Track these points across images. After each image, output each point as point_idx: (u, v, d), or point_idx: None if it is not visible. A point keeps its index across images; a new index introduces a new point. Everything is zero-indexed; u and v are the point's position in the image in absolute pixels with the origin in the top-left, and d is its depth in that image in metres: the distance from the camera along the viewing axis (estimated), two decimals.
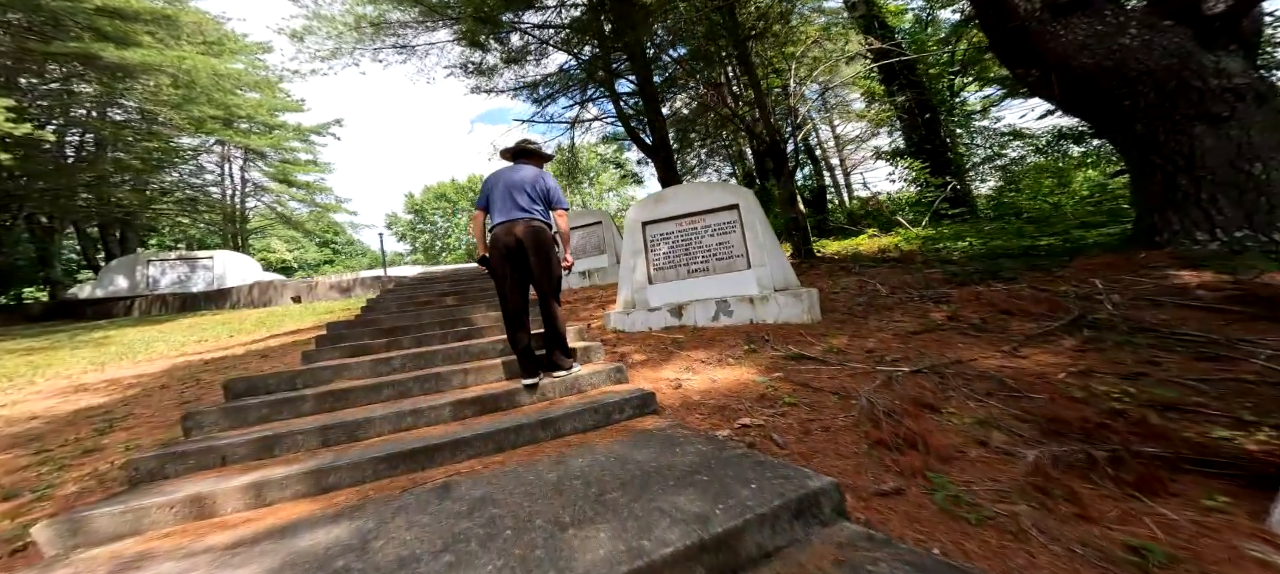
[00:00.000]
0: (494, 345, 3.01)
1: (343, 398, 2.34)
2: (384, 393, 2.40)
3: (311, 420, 2.13)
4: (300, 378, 2.62)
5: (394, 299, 5.98)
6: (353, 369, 2.71)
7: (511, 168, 2.62)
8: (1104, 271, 3.12)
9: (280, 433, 1.93)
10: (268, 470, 1.67)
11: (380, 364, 2.77)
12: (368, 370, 2.72)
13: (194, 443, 1.97)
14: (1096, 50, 3.01)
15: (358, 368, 2.72)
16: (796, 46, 7.59)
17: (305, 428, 1.96)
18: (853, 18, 8.80)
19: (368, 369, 2.72)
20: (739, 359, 2.94)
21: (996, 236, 5.69)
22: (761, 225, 4.06)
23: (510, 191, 2.48)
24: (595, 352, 2.91)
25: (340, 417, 2.13)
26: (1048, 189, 9.06)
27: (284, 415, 2.23)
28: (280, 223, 25.48)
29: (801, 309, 3.61)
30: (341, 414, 2.20)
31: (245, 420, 2.19)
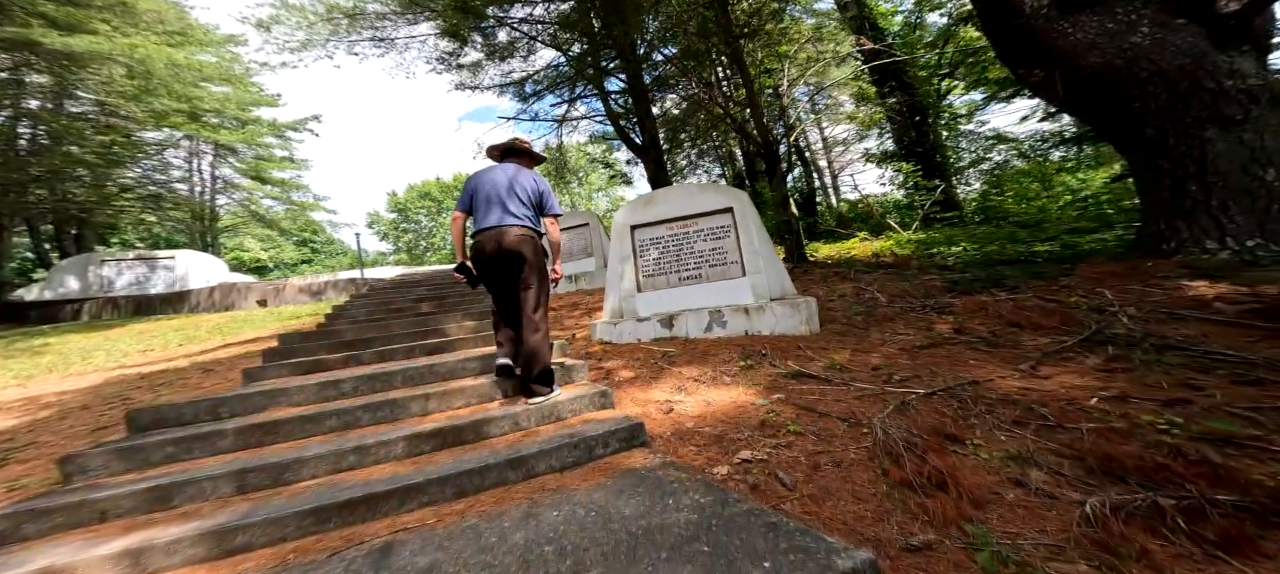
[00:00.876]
0: (465, 363, 2.71)
1: (273, 431, 2.02)
2: (326, 423, 2.08)
3: (228, 461, 1.81)
4: (226, 405, 2.27)
5: (364, 305, 5.60)
6: (294, 393, 2.38)
7: (500, 167, 2.40)
8: (1111, 281, 2.98)
9: (183, 478, 1.61)
10: (157, 530, 1.36)
11: (328, 387, 2.43)
12: (313, 394, 2.39)
13: (70, 493, 1.62)
14: (1107, 49, 2.88)
15: (301, 391, 2.39)
16: (789, 45, 7.44)
17: (218, 471, 1.65)
18: (844, 18, 8.72)
19: (313, 393, 2.39)
20: (735, 377, 2.71)
21: (990, 242, 5.61)
22: (757, 230, 3.85)
23: (499, 193, 2.27)
24: (578, 371, 2.64)
25: (265, 455, 1.82)
26: (1033, 193, 9.13)
27: (195, 454, 1.90)
28: (254, 221, 24.48)
29: (799, 320, 3.40)
30: (268, 452, 1.88)
31: (145, 461, 1.84)
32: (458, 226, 2.38)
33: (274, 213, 24.43)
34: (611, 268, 4.28)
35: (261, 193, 23.51)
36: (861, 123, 8.65)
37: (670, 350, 3.40)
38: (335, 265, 35.59)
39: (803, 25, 8.58)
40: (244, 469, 1.66)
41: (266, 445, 1.98)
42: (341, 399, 2.39)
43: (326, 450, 1.79)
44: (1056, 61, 3.23)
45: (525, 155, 2.56)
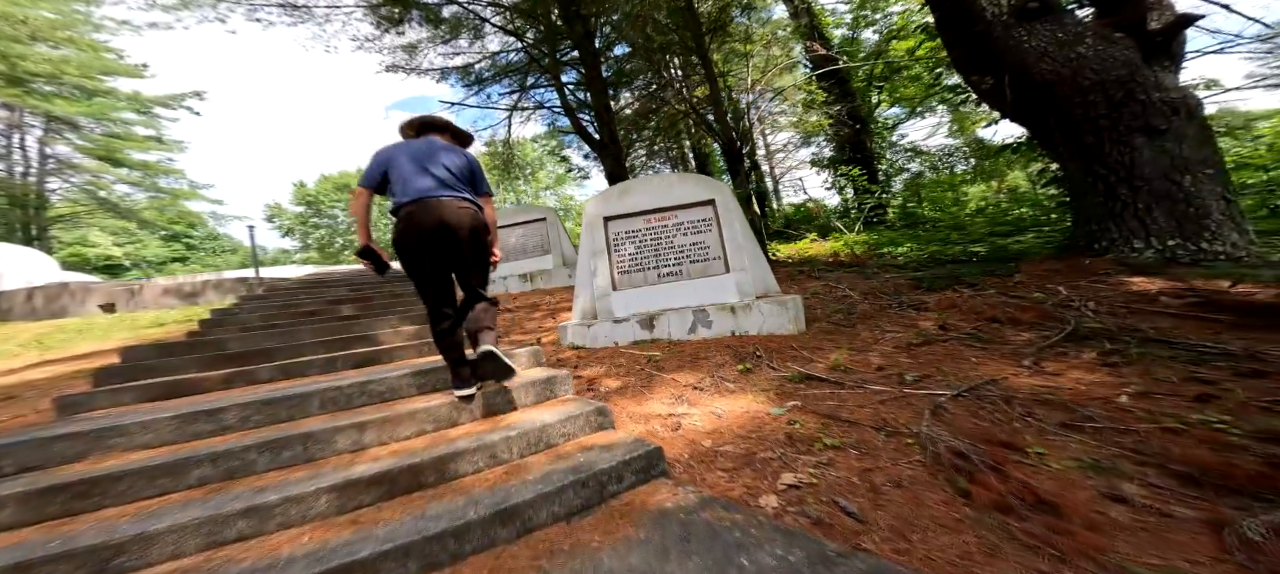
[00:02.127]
0: (409, 379, 2.12)
1: (92, 492, 1.33)
2: (193, 475, 1.44)
3: None
4: (13, 453, 1.50)
5: (258, 309, 4.49)
6: (137, 431, 1.65)
7: (422, 140, 2.06)
8: (1057, 278, 3.22)
9: None
10: None
11: (196, 420, 1.72)
12: (170, 431, 1.67)
13: None
14: (1056, 57, 3.10)
15: (149, 428, 1.66)
16: (752, 45, 7.52)
17: None
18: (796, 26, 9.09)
19: (170, 429, 1.67)
20: (737, 383, 2.46)
21: (930, 243, 6.06)
22: (740, 224, 3.67)
23: (426, 164, 1.94)
24: (561, 383, 2.20)
25: (72, 533, 1.17)
26: (948, 201, 10.29)
27: None
28: (102, 210, 19.85)
29: (787, 319, 3.26)
30: (80, 528, 1.22)
31: None
32: (362, 203, 1.96)
33: (132, 201, 19.99)
34: (582, 264, 3.85)
35: (113, 177, 19.11)
36: (808, 128, 9.08)
37: (654, 354, 3.07)
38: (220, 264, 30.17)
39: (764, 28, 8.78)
40: (22, 567, 1.00)
41: (80, 516, 1.29)
42: (221, 436, 1.70)
43: (193, 518, 1.19)
44: (1009, 69, 3.45)
45: (449, 132, 2.20)
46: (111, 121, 18.39)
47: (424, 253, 1.85)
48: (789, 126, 11.32)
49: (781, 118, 9.67)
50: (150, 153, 19.41)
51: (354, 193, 1.98)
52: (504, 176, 20.57)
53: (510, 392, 2.01)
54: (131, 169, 19.18)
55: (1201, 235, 2.88)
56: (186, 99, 19.13)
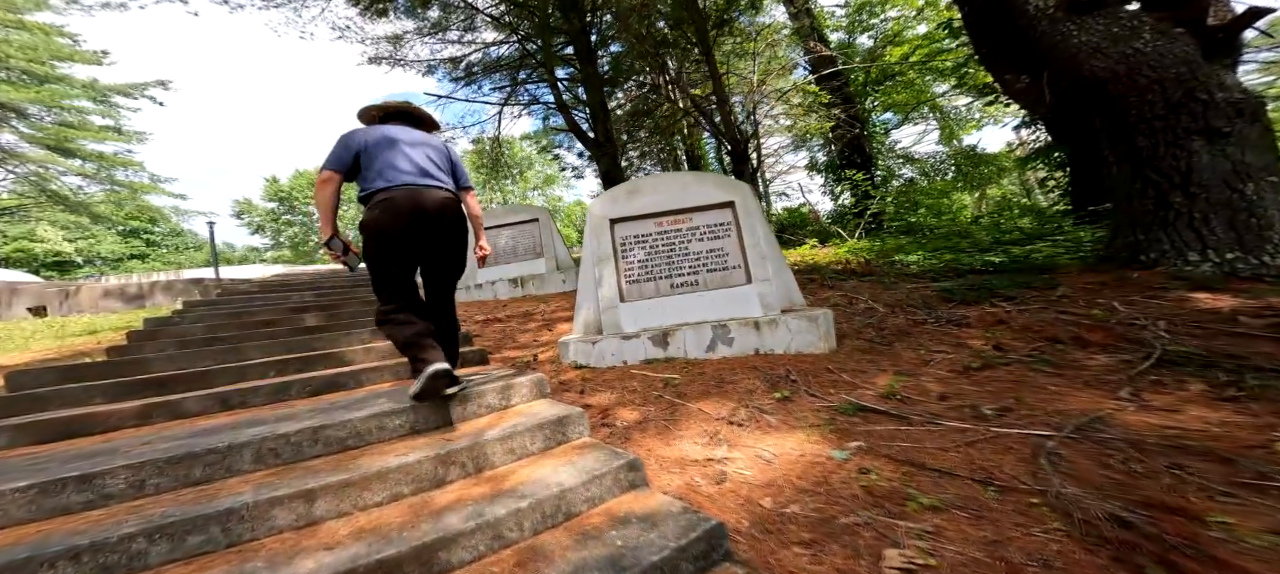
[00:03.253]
0: (383, 416, 1.67)
1: None
2: None
3: None
4: None
5: (204, 317, 3.91)
6: None
7: (399, 127, 1.91)
8: (1107, 292, 2.98)
9: None
10: None
11: (65, 486, 1.23)
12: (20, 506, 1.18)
13: None
14: (1110, 54, 2.87)
15: None
16: (755, 44, 7.26)
17: None
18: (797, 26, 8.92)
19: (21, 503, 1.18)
20: (777, 415, 2.09)
21: (942, 251, 5.85)
22: (763, 229, 3.32)
23: (406, 150, 1.81)
24: (575, 424, 1.78)
25: None
26: (945, 208, 10.25)
27: None
28: (50, 203, 18.42)
29: (817, 335, 2.92)
30: None
31: None
32: (331, 190, 1.77)
33: (84, 194, 18.61)
34: (584, 272, 3.44)
35: (62, 168, 17.75)
36: (809, 130, 8.90)
37: (672, 376, 2.69)
38: (181, 262, 28.53)
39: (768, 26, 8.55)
40: None
41: None
42: (99, 510, 1.22)
43: None
44: (1052, 66, 3.21)
45: (419, 121, 2.05)
46: (63, 110, 17.07)
47: (398, 244, 1.70)
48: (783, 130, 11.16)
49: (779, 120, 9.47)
50: (107, 143, 18.10)
51: (320, 178, 1.75)
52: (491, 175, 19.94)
53: (512, 436, 1.59)
54: (86, 160, 17.83)
55: (1264, 248, 2.66)
56: (149, 88, 17.92)
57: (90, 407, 1.94)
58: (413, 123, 2.01)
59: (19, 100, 15.60)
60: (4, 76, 14.98)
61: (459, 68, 9.68)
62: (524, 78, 9.91)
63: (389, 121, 1.96)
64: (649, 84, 11.92)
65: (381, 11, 8.24)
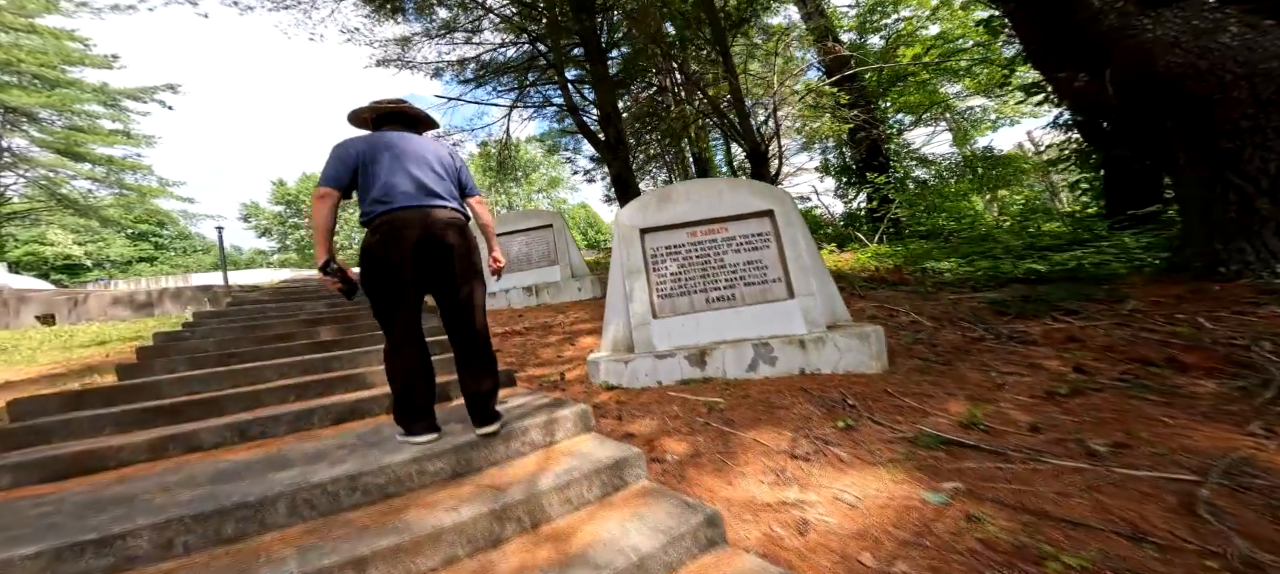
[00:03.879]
0: (426, 459, 1.49)
1: None
2: None
3: None
4: None
5: (215, 331, 3.76)
6: None
7: (398, 135, 1.73)
8: (1185, 306, 2.76)
9: None
10: None
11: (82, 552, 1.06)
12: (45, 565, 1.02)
13: None
14: (1190, 48, 2.66)
15: None
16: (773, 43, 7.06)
17: None
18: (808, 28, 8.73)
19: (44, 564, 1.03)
20: (846, 447, 1.90)
21: (977, 258, 5.63)
22: (805, 240, 3.13)
23: (409, 165, 1.65)
24: (632, 466, 1.60)
25: None
26: (964, 211, 9.99)
27: None
28: (60, 207, 18.51)
29: (868, 354, 2.72)
30: None
31: None
32: (328, 208, 1.60)
33: (94, 198, 18.68)
34: (613, 285, 3.26)
35: (72, 172, 17.82)
36: (826, 132, 8.70)
37: (715, 401, 2.50)
38: (189, 266, 28.67)
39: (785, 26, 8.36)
40: None
41: None
42: None
43: None
44: (1118, 62, 3.00)
45: (417, 122, 1.87)
46: (74, 114, 17.15)
47: (400, 272, 1.55)
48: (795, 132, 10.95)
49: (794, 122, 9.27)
50: (116, 147, 18.16)
51: (317, 195, 1.59)
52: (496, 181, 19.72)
53: (568, 484, 1.41)
54: (95, 164, 17.89)
55: None
56: (159, 92, 17.98)
57: (99, 438, 1.79)
58: (409, 125, 1.83)
59: (30, 105, 15.67)
60: (15, 81, 15.05)
61: (467, 70, 9.56)
62: (533, 80, 9.78)
63: (384, 125, 1.78)
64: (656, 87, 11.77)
65: (393, 11, 8.12)
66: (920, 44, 11.53)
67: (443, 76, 10.03)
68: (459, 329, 1.69)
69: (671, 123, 8.30)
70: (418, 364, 1.62)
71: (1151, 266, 3.73)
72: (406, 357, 1.59)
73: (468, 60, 9.50)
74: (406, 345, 1.60)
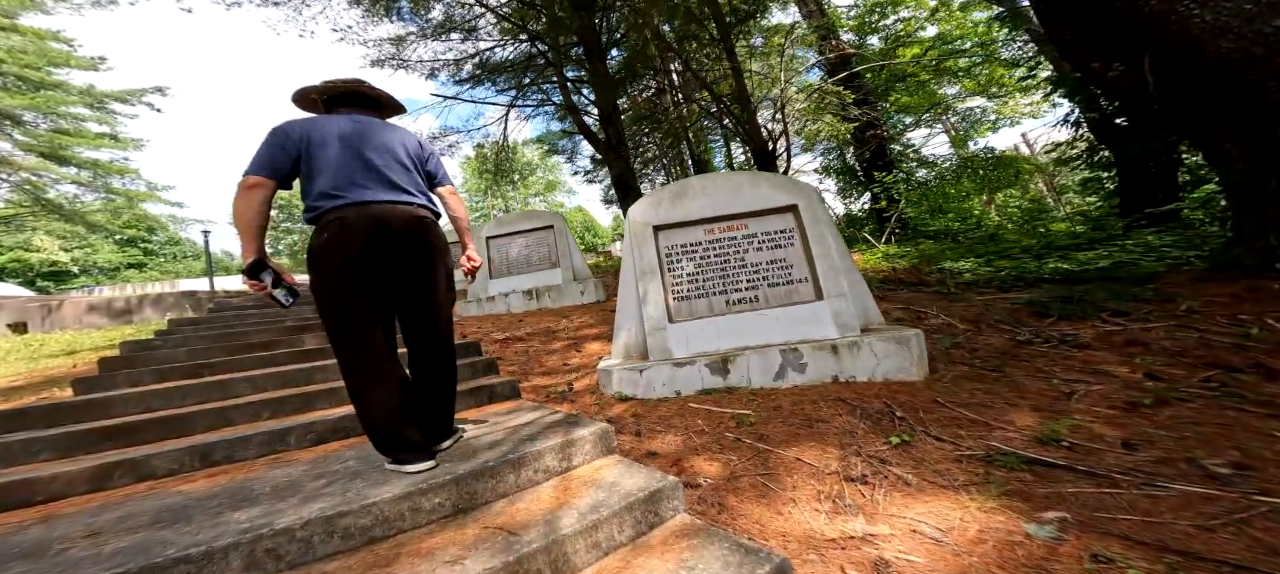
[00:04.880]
0: (421, 495, 1.23)
1: None
2: None
3: None
4: None
5: (190, 339, 3.45)
6: None
7: (352, 118, 1.46)
8: (1244, 306, 2.55)
9: None
10: None
11: None
12: None
13: None
14: (1244, 33, 2.48)
15: None
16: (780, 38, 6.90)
17: None
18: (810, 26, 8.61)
19: None
20: (902, 465, 1.66)
21: (995, 258, 5.43)
22: (833, 237, 2.90)
23: (366, 152, 1.39)
24: (668, 497, 1.34)
25: None
26: (970, 211, 9.86)
27: None
28: (46, 212, 18.01)
29: (909, 360, 2.48)
30: None
31: None
32: (257, 199, 1.31)
33: (81, 203, 18.22)
34: (625, 286, 3.02)
35: (56, 176, 17.35)
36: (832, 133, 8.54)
37: (743, 413, 2.25)
38: (179, 272, 28.10)
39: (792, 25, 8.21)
40: None
41: None
42: None
43: None
44: (1161, 50, 2.81)
45: (378, 106, 1.59)
46: (60, 117, 16.73)
47: (354, 277, 1.30)
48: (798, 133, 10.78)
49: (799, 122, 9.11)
50: (102, 151, 17.72)
51: (244, 184, 1.30)
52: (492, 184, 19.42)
53: (596, 525, 1.15)
54: (81, 168, 17.44)
55: None
56: (147, 94, 17.60)
57: (31, 466, 1.51)
58: (369, 108, 1.56)
59: (14, 107, 15.25)
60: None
61: (464, 70, 9.36)
62: (531, 80, 9.58)
63: (337, 107, 1.51)
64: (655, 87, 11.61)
65: (387, 11, 7.90)
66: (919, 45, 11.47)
67: (438, 77, 9.82)
68: (420, 337, 1.47)
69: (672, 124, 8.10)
70: (392, 389, 1.34)
71: (1190, 265, 3.54)
72: (375, 384, 1.31)
73: (464, 59, 9.30)
74: (372, 369, 1.32)
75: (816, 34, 8.80)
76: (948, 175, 13.57)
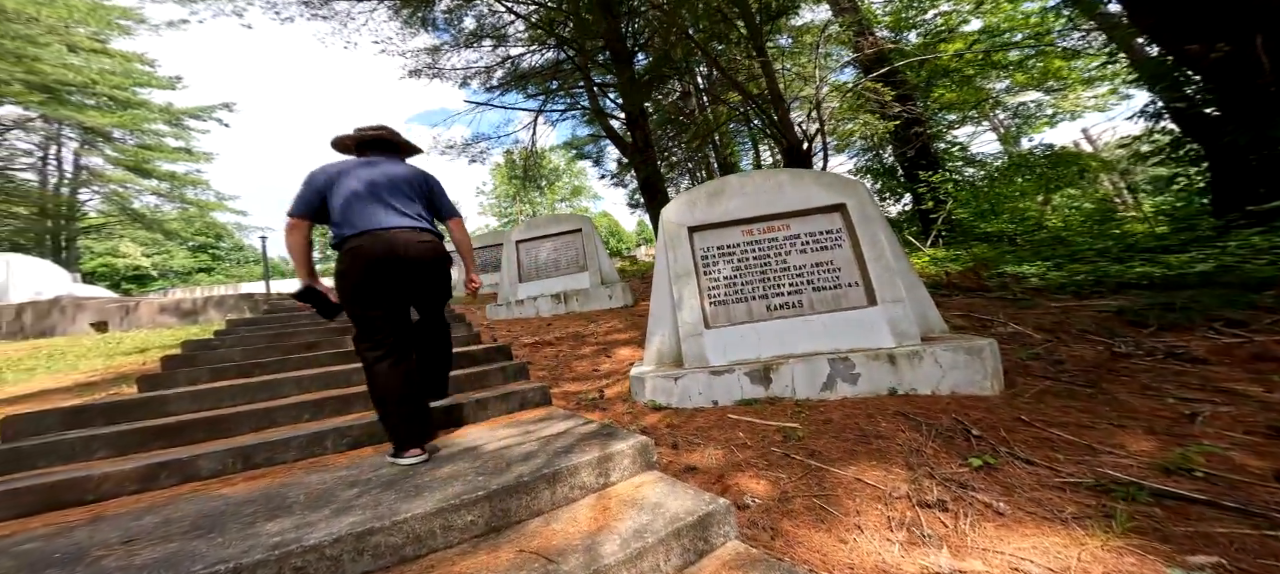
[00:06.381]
0: (453, 511, 1.15)
1: None
2: None
3: None
4: None
5: (244, 339, 3.62)
6: None
7: (367, 161, 1.80)
8: None
9: None
10: None
11: None
12: None
13: None
14: None
15: None
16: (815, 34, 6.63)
17: None
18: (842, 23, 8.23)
19: None
20: (988, 491, 1.44)
21: (1067, 262, 4.92)
22: (887, 237, 2.67)
23: (376, 190, 1.70)
24: (718, 523, 1.19)
25: None
26: (1027, 211, 9.09)
27: None
28: (130, 221, 19.97)
29: (982, 372, 2.22)
30: None
31: None
32: (301, 237, 1.71)
33: (160, 212, 20.07)
34: (658, 290, 2.89)
35: (139, 188, 19.19)
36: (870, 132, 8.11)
37: (791, 427, 2.07)
38: (241, 275, 30.39)
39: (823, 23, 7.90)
40: None
41: None
42: None
43: None
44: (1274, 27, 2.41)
45: (398, 148, 1.95)
46: (144, 133, 18.55)
47: (370, 292, 1.63)
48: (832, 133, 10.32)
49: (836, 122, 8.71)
50: (178, 164, 19.50)
51: (286, 226, 1.69)
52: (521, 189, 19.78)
53: (641, 553, 1.03)
54: (160, 180, 19.26)
55: None
56: (216, 110, 19.26)
57: (87, 464, 1.56)
58: (390, 150, 1.91)
59: (106, 125, 17.02)
60: (93, 103, 16.39)
61: (494, 76, 9.64)
62: (558, 86, 9.72)
63: (366, 150, 1.87)
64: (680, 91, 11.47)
65: (423, 23, 8.24)
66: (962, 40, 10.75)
67: (469, 85, 10.17)
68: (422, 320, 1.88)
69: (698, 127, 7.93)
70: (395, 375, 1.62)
71: None
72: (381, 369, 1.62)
73: (495, 66, 9.57)
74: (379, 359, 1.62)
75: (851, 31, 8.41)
76: (998, 175, 12.64)
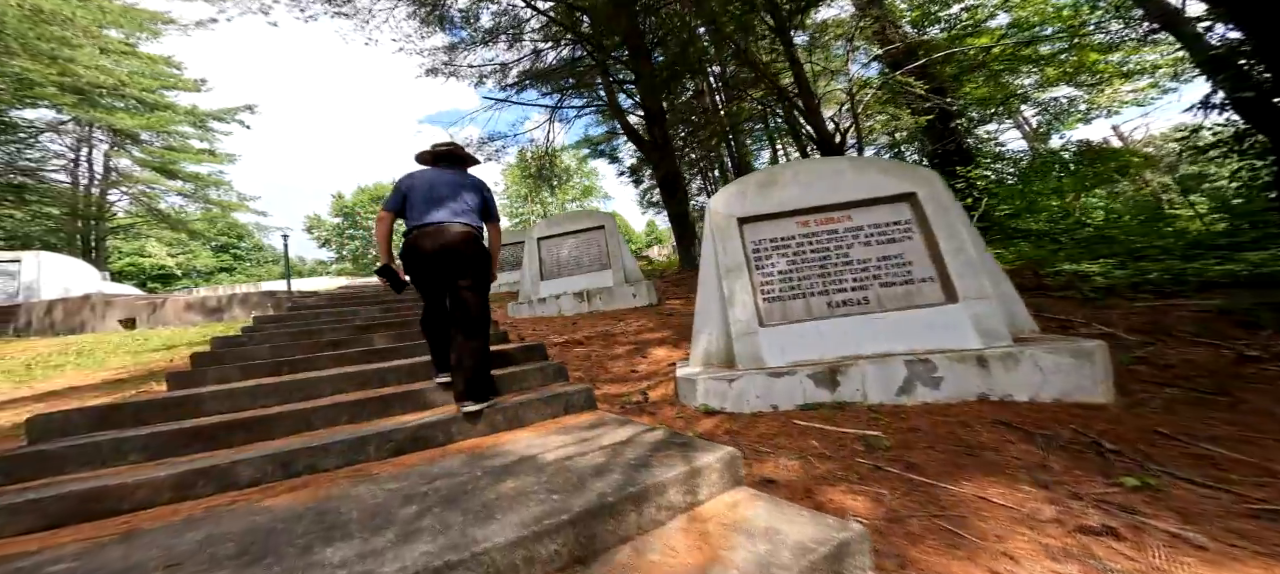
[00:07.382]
0: (535, 540, 0.97)
1: None
2: None
3: None
4: None
5: (271, 337, 3.52)
6: None
7: (436, 171, 2.31)
8: None
9: None
10: None
11: None
12: None
13: None
14: None
15: None
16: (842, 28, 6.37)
17: None
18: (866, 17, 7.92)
19: None
20: (1167, 519, 1.21)
21: (1126, 259, 4.59)
22: (966, 228, 2.43)
23: (440, 192, 2.18)
24: (853, 554, 0.98)
25: None
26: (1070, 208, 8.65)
27: None
28: (157, 221, 20.42)
29: (1091, 377, 1.97)
30: None
31: None
32: (385, 226, 2.22)
33: (184, 212, 20.50)
34: (705, 286, 2.70)
35: (165, 188, 19.59)
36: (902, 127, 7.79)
37: (874, 435, 1.86)
38: (261, 275, 30.99)
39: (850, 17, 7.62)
40: None
41: None
42: None
43: None
44: None
45: (463, 161, 2.46)
46: (170, 134, 18.96)
47: (427, 269, 2.12)
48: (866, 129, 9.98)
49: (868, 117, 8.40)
50: (202, 165, 19.91)
51: (377, 217, 2.23)
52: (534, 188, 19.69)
53: None
54: (185, 181, 19.68)
55: None
56: (239, 112, 19.61)
57: (119, 470, 1.42)
58: (455, 161, 2.41)
59: (134, 127, 17.44)
60: (122, 105, 16.80)
61: (510, 75, 9.56)
62: (574, 83, 9.59)
63: (438, 160, 2.38)
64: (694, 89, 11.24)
65: (440, 21, 8.20)
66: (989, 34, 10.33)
67: (485, 84, 10.10)
68: (458, 310, 2.12)
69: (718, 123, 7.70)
70: (440, 327, 2.22)
71: None
72: (431, 322, 2.24)
73: (510, 65, 9.48)
74: (431, 315, 2.24)
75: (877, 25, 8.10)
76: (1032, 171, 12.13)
